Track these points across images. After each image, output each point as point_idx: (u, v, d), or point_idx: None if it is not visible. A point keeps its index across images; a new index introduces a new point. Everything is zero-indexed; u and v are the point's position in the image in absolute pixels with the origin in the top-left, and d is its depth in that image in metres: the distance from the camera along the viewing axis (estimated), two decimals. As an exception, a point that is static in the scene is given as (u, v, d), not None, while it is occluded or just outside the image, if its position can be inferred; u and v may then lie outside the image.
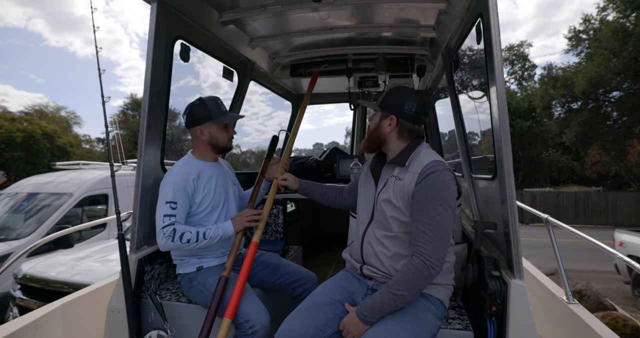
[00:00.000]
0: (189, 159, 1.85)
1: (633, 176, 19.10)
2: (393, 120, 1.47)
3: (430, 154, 1.44)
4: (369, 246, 1.50)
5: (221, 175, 1.91)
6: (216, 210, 1.83)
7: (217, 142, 1.84)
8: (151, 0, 1.77)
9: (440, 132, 3.70)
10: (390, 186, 1.44)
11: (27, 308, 3.22)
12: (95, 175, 5.78)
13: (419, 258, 1.28)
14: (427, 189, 1.33)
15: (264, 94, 3.83)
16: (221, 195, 1.86)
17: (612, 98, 17.85)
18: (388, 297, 1.29)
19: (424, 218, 1.30)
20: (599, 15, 17.24)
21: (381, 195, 1.47)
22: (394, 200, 1.41)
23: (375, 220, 1.50)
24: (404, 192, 1.38)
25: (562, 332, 2.02)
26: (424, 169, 1.35)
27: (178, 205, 1.67)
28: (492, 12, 1.36)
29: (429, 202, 1.31)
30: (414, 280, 1.27)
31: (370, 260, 1.49)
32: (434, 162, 1.37)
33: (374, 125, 1.54)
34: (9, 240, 4.56)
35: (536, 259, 8.04)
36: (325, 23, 2.43)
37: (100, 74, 1.89)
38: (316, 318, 1.40)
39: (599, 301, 5.23)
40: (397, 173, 1.44)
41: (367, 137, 1.58)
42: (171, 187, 1.69)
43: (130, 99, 30.00)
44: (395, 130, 1.48)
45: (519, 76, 27.48)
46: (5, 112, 22.67)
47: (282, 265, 1.96)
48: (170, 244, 1.62)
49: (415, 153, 1.45)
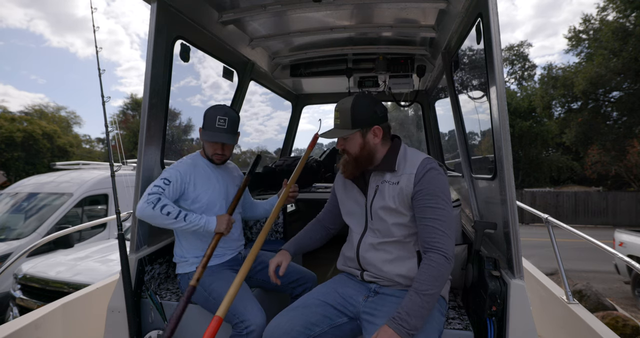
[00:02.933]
0: (196, 156, 1.90)
1: (633, 176, 19.09)
2: (378, 130, 1.42)
3: (416, 153, 1.45)
4: (365, 254, 1.48)
5: (224, 178, 1.91)
6: (212, 210, 1.82)
7: (205, 150, 1.88)
8: (151, 1, 1.78)
9: (440, 132, 3.70)
10: (385, 192, 1.42)
11: (27, 308, 3.22)
12: (95, 175, 5.78)
13: (437, 253, 1.28)
14: (428, 187, 1.34)
15: (264, 94, 3.84)
16: (219, 196, 1.85)
17: (612, 98, 17.87)
18: (420, 299, 1.24)
19: (431, 214, 1.33)
20: (599, 15, 17.26)
21: (376, 203, 1.44)
22: (392, 205, 1.39)
23: (371, 229, 1.48)
24: (402, 195, 1.38)
25: (562, 332, 2.02)
26: (419, 168, 1.37)
27: (171, 185, 1.70)
28: (492, 12, 1.36)
29: (432, 198, 1.34)
30: (439, 275, 1.27)
31: (369, 268, 1.48)
32: (426, 161, 1.39)
33: (358, 146, 1.43)
34: (9, 240, 4.55)
35: (536, 259, 8.04)
36: (325, 23, 2.43)
37: (100, 74, 1.89)
38: (305, 318, 1.40)
39: (599, 301, 5.23)
40: (389, 178, 1.42)
41: (353, 161, 1.45)
42: (172, 170, 1.76)
43: (130, 99, 30.05)
44: (380, 138, 1.44)
45: (519, 76, 27.49)
46: (5, 112, 22.68)
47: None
48: (149, 211, 1.59)
49: (401, 155, 1.44)
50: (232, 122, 1.80)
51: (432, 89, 3.43)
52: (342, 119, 1.43)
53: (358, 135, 1.43)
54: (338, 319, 1.45)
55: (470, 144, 2.31)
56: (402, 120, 6.16)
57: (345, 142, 1.45)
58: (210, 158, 1.87)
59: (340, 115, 1.43)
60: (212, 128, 1.78)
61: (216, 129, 1.78)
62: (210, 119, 1.78)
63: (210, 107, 1.83)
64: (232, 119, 1.81)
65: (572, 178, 24.67)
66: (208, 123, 1.79)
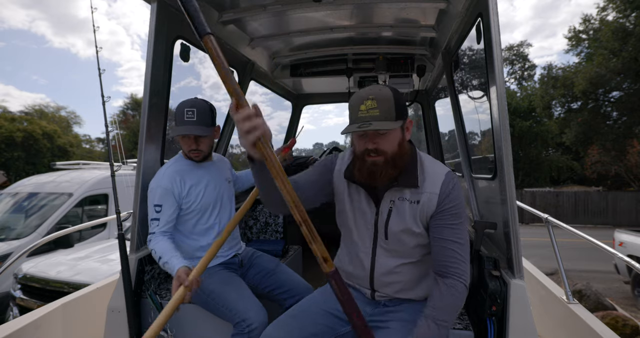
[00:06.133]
0: (178, 158, 1.81)
1: (633, 176, 19.10)
2: (410, 124, 1.23)
3: (433, 163, 1.30)
4: (384, 278, 1.34)
5: (212, 175, 1.83)
6: (206, 213, 1.78)
7: (183, 149, 1.77)
8: (151, 0, 1.78)
9: (440, 132, 3.70)
10: (405, 213, 1.25)
11: (27, 308, 3.22)
12: (95, 175, 5.78)
13: (458, 280, 1.18)
14: (451, 207, 1.22)
15: (264, 94, 3.83)
16: (211, 196, 1.79)
17: (612, 98, 17.87)
18: (439, 331, 1.15)
19: (452, 236, 1.21)
20: (599, 15, 17.27)
21: (394, 225, 1.27)
22: (416, 229, 1.26)
23: (384, 248, 1.32)
24: (423, 215, 1.25)
25: (562, 332, 2.02)
26: (442, 188, 1.23)
27: (163, 208, 1.64)
28: (492, 12, 1.36)
29: (454, 219, 1.22)
30: (459, 304, 1.19)
31: (385, 290, 1.36)
32: (449, 176, 1.25)
33: (397, 143, 1.18)
34: (9, 240, 4.56)
35: (536, 259, 8.03)
36: (326, 23, 2.43)
37: (100, 74, 1.89)
38: (304, 328, 1.30)
39: (598, 301, 5.24)
40: (409, 197, 1.25)
41: (390, 162, 1.18)
42: (157, 190, 1.66)
43: (130, 99, 30.07)
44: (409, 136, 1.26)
45: (519, 76, 27.51)
46: (5, 112, 22.69)
47: (276, 272, 1.84)
48: (149, 249, 1.64)
49: (420, 167, 1.26)
50: (202, 112, 1.68)
51: (432, 88, 3.43)
52: (382, 109, 1.14)
53: (399, 129, 1.20)
54: (342, 328, 1.36)
55: (470, 143, 2.31)
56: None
57: (382, 138, 1.17)
58: (187, 155, 1.76)
59: (379, 105, 1.14)
60: (181, 122, 1.67)
61: (184, 122, 1.67)
62: (179, 113, 1.68)
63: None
64: (201, 110, 1.69)
65: (572, 178, 24.67)
66: (177, 118, 1.69)
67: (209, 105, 1.75)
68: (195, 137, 1.71)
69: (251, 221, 2.78)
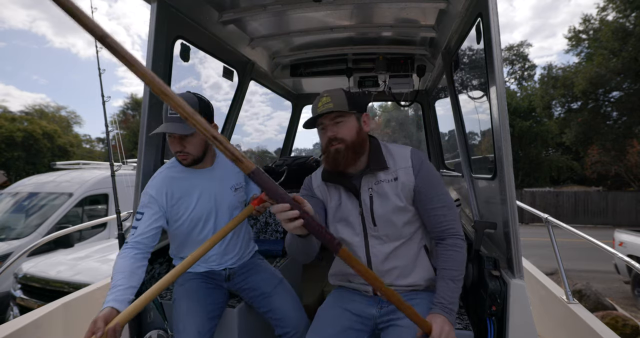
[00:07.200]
0: (172, 162, 1.63)
1: (633, 176, 19.10)
2: (367, 118, 1.39)
3: (397, 146, 1.43)
4: (382, 267, 1.37)
5: (209, 183, 1.62)
6: (198, 224, 1.60)
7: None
8: (151, 0, 1.78)
9: (440, 132, 3.70)
10: (387, 192, 1.35)
11: (27, 308, 3.22)
12: (95, 174, 5.78)
13: (456, 238, 1.32)
14: (428, 177, 1.36)
15: (264, 94, 3.84)
16: (204, 207, 1.60)
17: (612, 98, 17.88)
18: (455, 285, 1.27)
19: (439, 202, 1.34)
20: (599, 15, 17.27)
21: (379, 207, 1.35)
22: (401, 203, 1.34)
23: (374, 236, 1.38)
24: (405, 190, 1.35)
25: (562, 332, 2.02)
26: (412, 160, 1.37)
27: (143, 217, 1.47)
28: (492, 12, 1.36)
29: (435, 187, 1.35)
30: (464, 259, 1.32)
31: (384, 279, 1.37)
32: (414, 151, 1.40)
33: (355, 131, 1.33)
34: (9, 240, 4.56)
35: (536, 259, 8.03)
36: (326, 23, 2.43)
37: (101, 74, 1.89)
38: None
39: (598, 301, 5.23)
40: (384, 177, 1.36)
41: (350, 148, 1.31)
42: (144, 195, 1.52)
43: (130, 99, 30.08)
44: (368, 129, 1.40)
45: (519, 76, 27.48)
46: (5, 112, 22.70)
47: (272, 296, 1.66)
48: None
49: (384, 151, 1.40)
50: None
51: (432, 88, 3.43)
52: (336, 103, 1.31)
53: (354, 118, 1.35)
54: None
55: (470, 143, 2.31)
56: (402, 120, 6.16)
57: (339, 127, 1.32)
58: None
59: (333, 100, 1.32)
60: (165, 118, 1.47)
61: (167, 118, 1.46)
62: (164, 109, 1.48)
63: None
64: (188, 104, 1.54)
65: (572, 178, 24.66)
66: (164, 115, 1.48)
67: (197, 99, 1.52)
68: (180, 137, 1.48)
69: (251, 221, 2.78)
